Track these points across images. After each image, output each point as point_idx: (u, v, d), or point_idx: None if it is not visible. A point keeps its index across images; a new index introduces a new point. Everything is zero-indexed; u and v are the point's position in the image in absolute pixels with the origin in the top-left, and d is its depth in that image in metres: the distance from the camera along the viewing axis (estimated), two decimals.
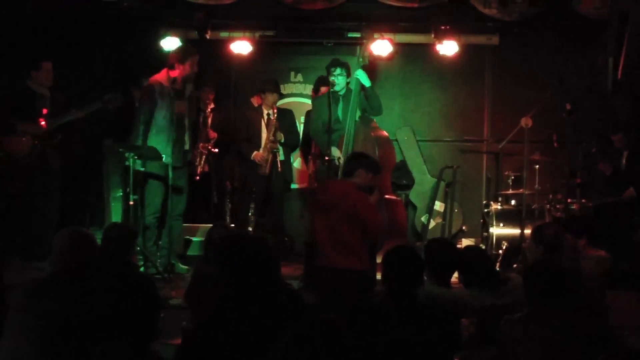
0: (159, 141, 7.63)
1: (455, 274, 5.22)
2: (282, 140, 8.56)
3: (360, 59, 8.24)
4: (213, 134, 8.70)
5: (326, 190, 6.41)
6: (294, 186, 9.38)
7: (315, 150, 8.66)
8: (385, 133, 8.41)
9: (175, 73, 7.73)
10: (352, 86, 8.00)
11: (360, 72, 7.97)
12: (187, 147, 7.92)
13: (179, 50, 7.93)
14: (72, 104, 7.70)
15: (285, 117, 8.79)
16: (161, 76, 7.74)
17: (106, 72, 8.67)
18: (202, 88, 8.79)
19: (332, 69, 8.11)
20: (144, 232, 7.85)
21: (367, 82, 7.97)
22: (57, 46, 8.48)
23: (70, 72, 8.27)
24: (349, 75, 8.09)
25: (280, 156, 8.53)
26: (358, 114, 8.11)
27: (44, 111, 7.63)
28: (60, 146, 7.79)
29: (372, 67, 9.04)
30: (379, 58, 8.92)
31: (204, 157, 8.63)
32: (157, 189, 7.81)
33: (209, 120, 8.78)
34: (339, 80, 8.01)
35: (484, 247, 8.45)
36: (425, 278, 4.69)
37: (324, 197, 6.29)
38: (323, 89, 8.81)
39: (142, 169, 7.60)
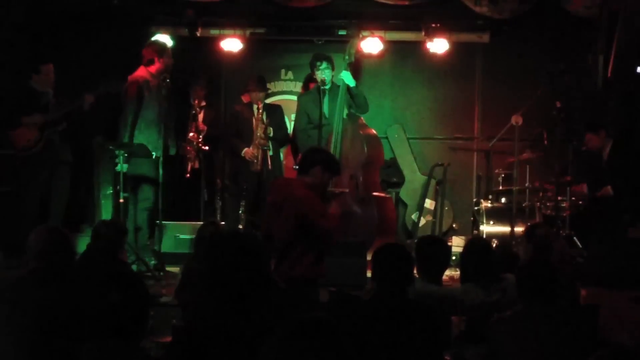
0: (150, 134, 7.79)
1: (447, 272, 5.23)
2: (271, 134, 8.53)
3: (347, 57, 8.28)
4: (203, 126, 8.71)
5: (273, 189, 5.89)
6: None
7: (299, 145, 8.66)
8: (373, 131, 8.45)
9: (154, 68, 7.90)
10: (340, 83, 8.07)
11: (346, 73, 8.10)
12: (171, 143, 8.10)
13: (157, 45, 8.05)
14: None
15: (274, 112, 8.77)
16: (142, 73, 7.90)
17: (96, 71, 8.63)
18: (193, 85, 8.77)
19: (319, 64, 8.19)
20: (135, 230, 7.84)
21: (351, 82, 8.12)
22: (47, 46, 8.44)
23: (60, 71, 8.22)
24: (333, 68, 8.19)
25: (270, 151, 8.51)
26: (345, 111, 8.14)
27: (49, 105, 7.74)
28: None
29: (359, 64, 9.10)
30: (369, 56, 8.95)
31: (193, 153, 8.62)
32: (150, 186, 7.89)
33: (200, 116, 8.77)
34: (326, 74, 8.12)
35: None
36: (416, 275, 4.70)
37: (270, 198, 5.79)
38: (312, 86, 8.84)
39: (125, 166, 7.61)
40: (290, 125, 9.28)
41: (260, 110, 8.50)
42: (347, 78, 8.17)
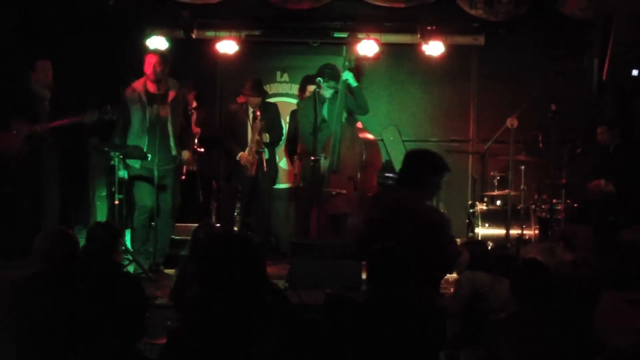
0: (139, 144, 7.60)
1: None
2: (267, 141, 8.50)
3: (347, 62, 8.23)
4: (196, 129, 8.67)
5: (380, 204, 5.29)
6: (279, 185, 9.33)
7: (301, 150, 8.63)
8: (371, 135, 8.43)
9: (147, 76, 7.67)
10: (340, 87, 8.03)
11: (347, 73, 8.02)
12: (174, 152, 7.71)
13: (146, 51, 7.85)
14: (68, 107, 7.69)
15: (269, 111, 8.72)
16: (139, 81, 7.70)
17: (92, 73, 8.62)
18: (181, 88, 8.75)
19: (325, 82, 8.06)
20: (131, 232, 7.81)
21: (353, 82, 8.04)
22: (42, 48, 8.43)
23: (55, 74, 8.20)
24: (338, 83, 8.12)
25: (265, 154, 8.48)
26: (344, 115, 8.13)
27: (43, 112, 7.63)
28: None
29: (357, 68, 9.05)
30: (365, 58, 8.93)
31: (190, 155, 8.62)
32: (146, 190, 7.76)
33: (193, 118, 8.76)
34: (327, 92, 8.05)
35: None
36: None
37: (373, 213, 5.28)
38: (310, 88, 8.82)
39: (124, 172, 7.56)
40: (285, 125, 9.26)
41: (258, 117, 8.38)
42: (349, 77, 8.09)
